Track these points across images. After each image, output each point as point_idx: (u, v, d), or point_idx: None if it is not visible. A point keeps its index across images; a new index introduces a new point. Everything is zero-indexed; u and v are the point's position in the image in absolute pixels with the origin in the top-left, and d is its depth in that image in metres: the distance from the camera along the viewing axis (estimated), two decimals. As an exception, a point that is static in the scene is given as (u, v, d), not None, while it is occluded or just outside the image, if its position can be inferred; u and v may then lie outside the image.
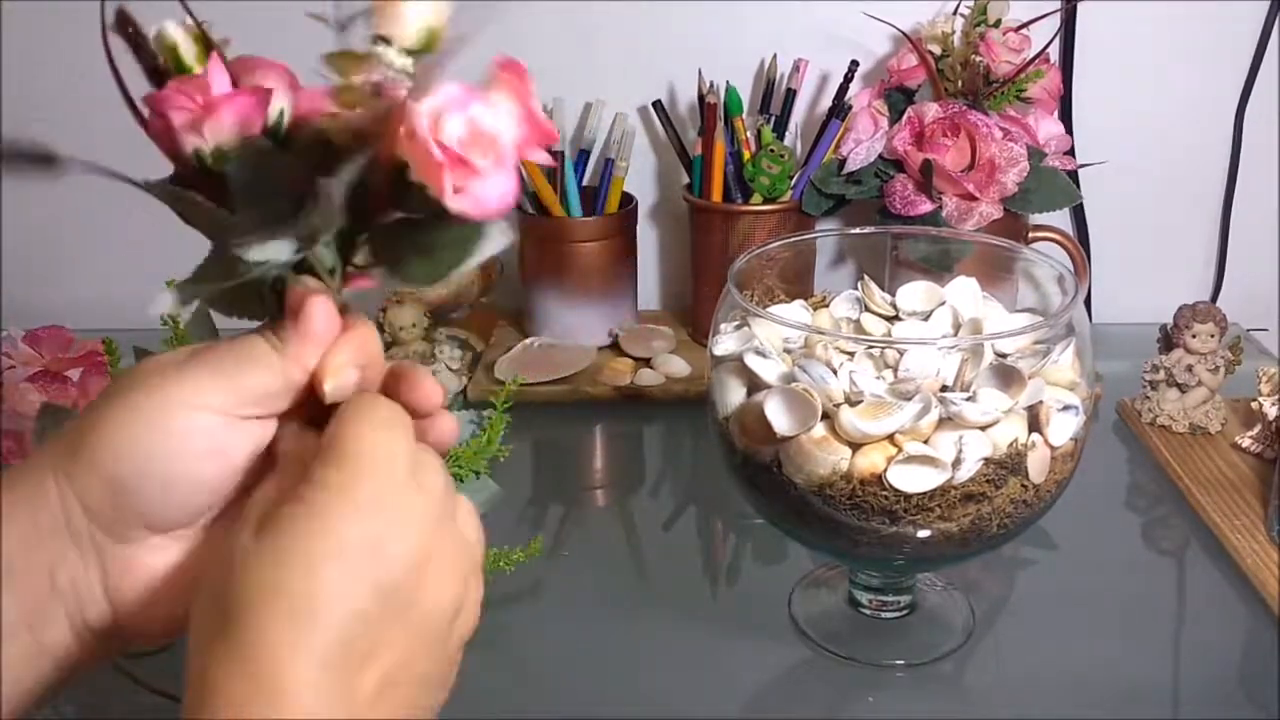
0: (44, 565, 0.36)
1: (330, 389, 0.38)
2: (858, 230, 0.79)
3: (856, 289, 0.72)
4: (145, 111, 0.36)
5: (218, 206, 0.36)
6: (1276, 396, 0.85)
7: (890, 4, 1.05)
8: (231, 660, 0.33)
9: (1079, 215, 1.14)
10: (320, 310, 0.38)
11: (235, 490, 0.39)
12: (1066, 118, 1.10)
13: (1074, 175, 1.03)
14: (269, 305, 0.39)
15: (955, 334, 0.68)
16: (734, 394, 0.64)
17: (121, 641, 0.39)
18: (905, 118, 0.99)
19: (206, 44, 0.36)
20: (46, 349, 0.72)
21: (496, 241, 0.38)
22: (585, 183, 1.08)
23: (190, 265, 0.37)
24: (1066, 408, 0.62)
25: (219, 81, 0.36)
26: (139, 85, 0.36)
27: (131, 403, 0.36)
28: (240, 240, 0.35)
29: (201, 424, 0.37)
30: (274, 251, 0.36)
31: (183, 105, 0.35)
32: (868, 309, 0.71)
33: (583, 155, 1.08)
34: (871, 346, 0.63)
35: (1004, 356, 0.63)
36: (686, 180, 1.07)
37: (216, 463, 0.37)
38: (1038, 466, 0.61)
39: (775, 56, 1.07)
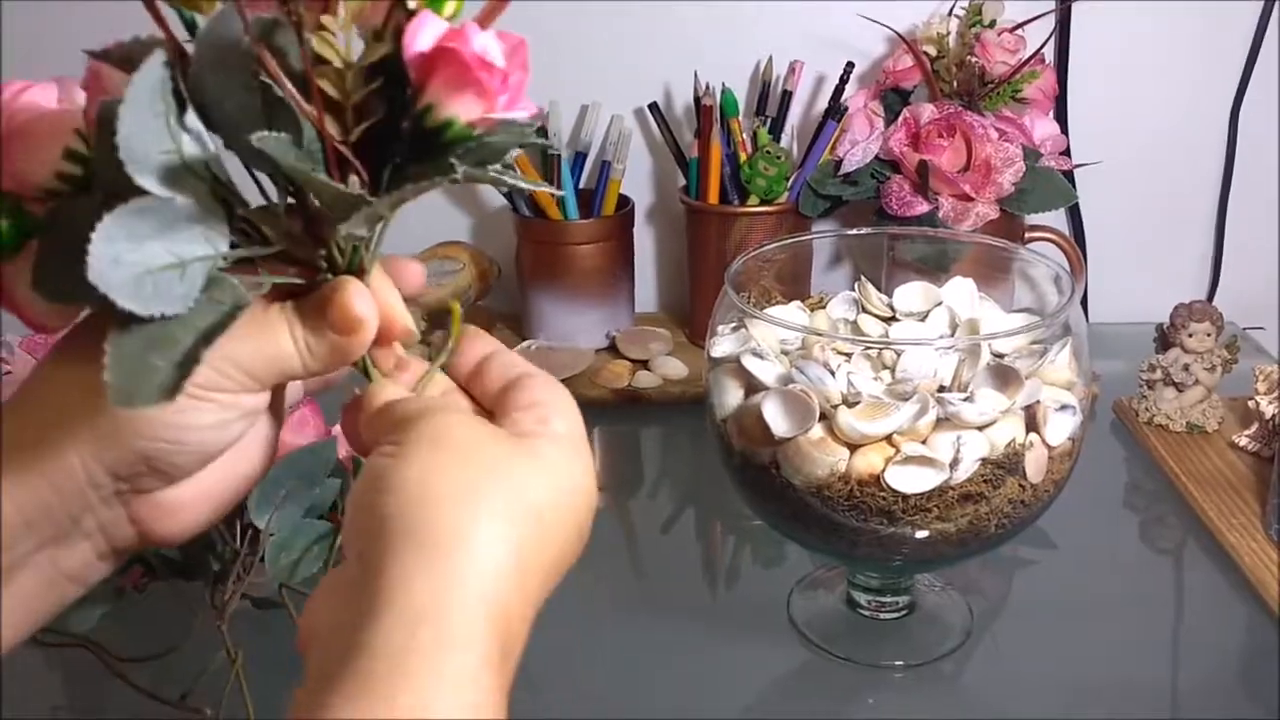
0: (64, 516, 0.38)
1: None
2: (854, 231, 0.79)
3: (853, 290, 0.72)
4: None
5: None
6: (1273, 395, 0.85)
7: (885, 5, 1.05)
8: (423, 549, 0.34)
9: (1075, 215, 1.14)
10: (365, 313, 0.38)
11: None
12: (1062, 118, 1.10)
13: (1070, 175, 1.03)
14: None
15: (952, 334, 0.68)
16: (732, 396, 0.64)
17: (143, 549, 0.42)
18: (901, 119, 0.99)
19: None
20: (42, 355, 0.71)
21: None
22: (582, 185, 1.08)
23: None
24: (1064, 407, 0.62)
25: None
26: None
27: None
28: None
29: (218, 405, 0.37)
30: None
31: None
32: (865, 310, 0.71)
33: (579, 157, 1.08)
34: (869, 347, 0.64)
35: (1001, 357, 0.63)
36: (683, 182, 1.07)
37: (239, 424, 0.39)
38: (1035, 466, 0.61)
39: (771, 58, 1.07)
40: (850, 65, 1.04)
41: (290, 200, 0.38)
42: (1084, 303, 1.14)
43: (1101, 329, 1.11)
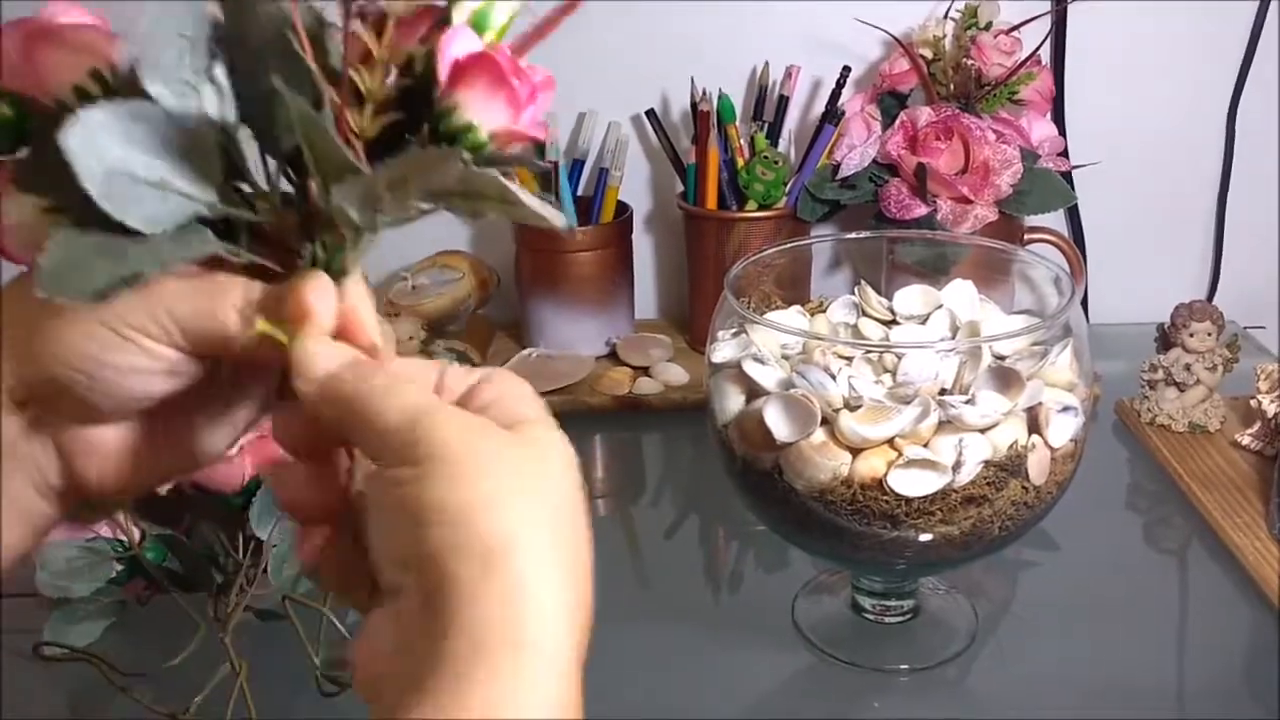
0: None
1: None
2: (853, 235, 0.79)
3: (853, 294, 0.72)
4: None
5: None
6: (1275, 393, 0.85)
7: (881, 9, 1.05)
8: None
9: (1074, 216, 1.14)
10: (323, 308, 0.36)
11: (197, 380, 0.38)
12: (1059, 119, 1.10)
13: (1068, 176, 1.03)
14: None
15: (953, 337, 0.68)
16: (733, 401, 0.64)
17: (88, 499, 0.40)
18: (898, 122, 0.99)
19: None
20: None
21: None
22: (580, 192, 1.08)
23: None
24: (1065, 409, 0.62)
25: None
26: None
27: (81, 316, 0.35)
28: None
29: (143, 351, 0.36)
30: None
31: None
32: (865, 313, 0.71)
33: (577, 165, 1.08)
34: (870, 351, 0.63)
35: (1002, 359, 0.63)
36: (681, 188, 1.07)
37: (161, 380, 0.37)
38: (1038, 468, 0.61)
39: (767, 63, 1.07)
40: (847, 69, 1.04)
41: (291, 192, 0.37)
42: (1084, 304, 1.14)
43: (1102, 330, 1.11)
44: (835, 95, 1.04)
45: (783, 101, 1.05)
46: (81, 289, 0.32)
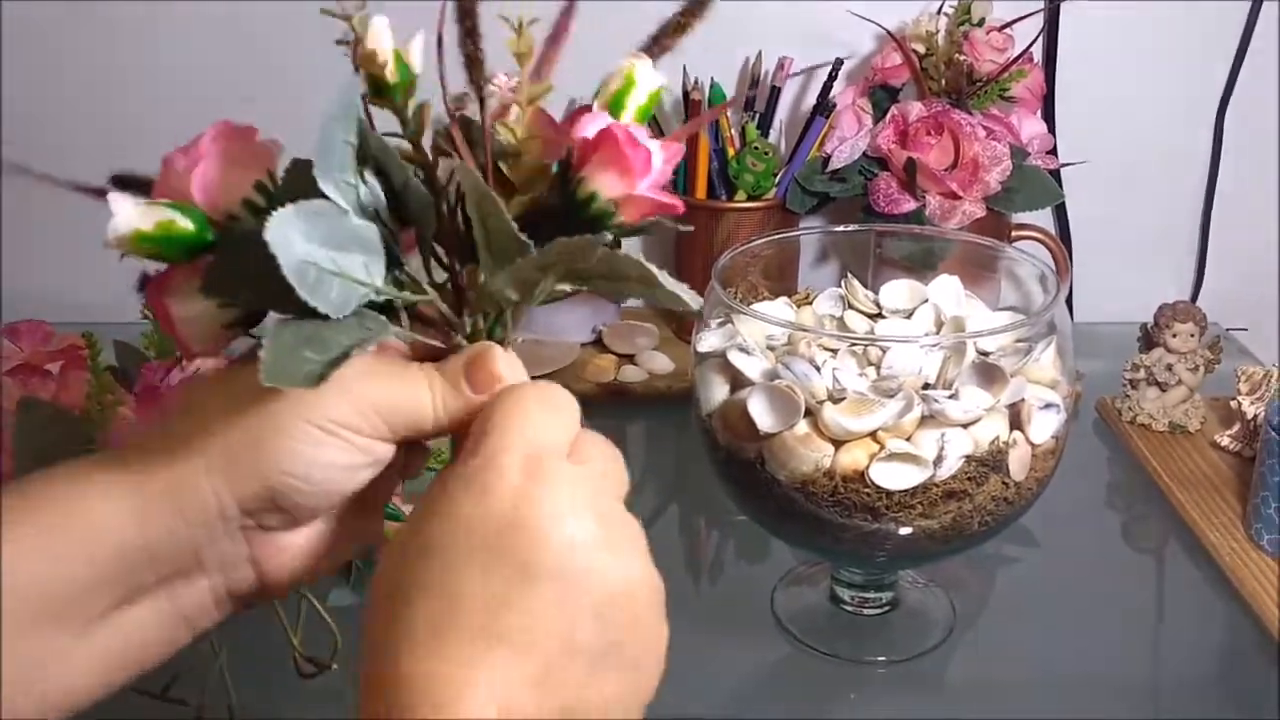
0: (189, 547, 0.38)
1: None
2: (841, 228, 0.79)
3: (840, 287, 0.72)
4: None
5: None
6: (1255, 395, 0.86)
7: (875, 2, 1.05)
8: (417, 674, 0.33)
9: (1061, 214, 1.15)
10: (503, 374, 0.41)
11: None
12: (1049, 117, 1.10)
13: (1056, 174, 1.03)
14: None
15: (938, 332, 0.68)
16: (717, 391, 0.64)
17: (255, 600, 0.42)
18: (889, 116, 0.99)
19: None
20: (26, 342, 0.71)
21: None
22: (569, 179, 1.08)
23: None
24: (1048, 406, 0.62)
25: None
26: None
27: (291, 421, 0.37)
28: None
29: (352, 446, 0.38)
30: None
31: None
32: (851, 306, 0.71)
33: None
34: (855, 344, 0.64)
35: (986, 355, 0.63)
36: (671, 177, 1.07)
37: (367, 471, 0.39)
38: (1019, 464, 0.61)
39: (760, 54, 1.07)
40: (839, 62, 1.04)
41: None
42: (1069, 302, 1.15)
43: (1086, 328, 1.11)
44: (827, 87, 1.04)
45: (774, 92, 1.05)
46: (299, 377, 0.35)
